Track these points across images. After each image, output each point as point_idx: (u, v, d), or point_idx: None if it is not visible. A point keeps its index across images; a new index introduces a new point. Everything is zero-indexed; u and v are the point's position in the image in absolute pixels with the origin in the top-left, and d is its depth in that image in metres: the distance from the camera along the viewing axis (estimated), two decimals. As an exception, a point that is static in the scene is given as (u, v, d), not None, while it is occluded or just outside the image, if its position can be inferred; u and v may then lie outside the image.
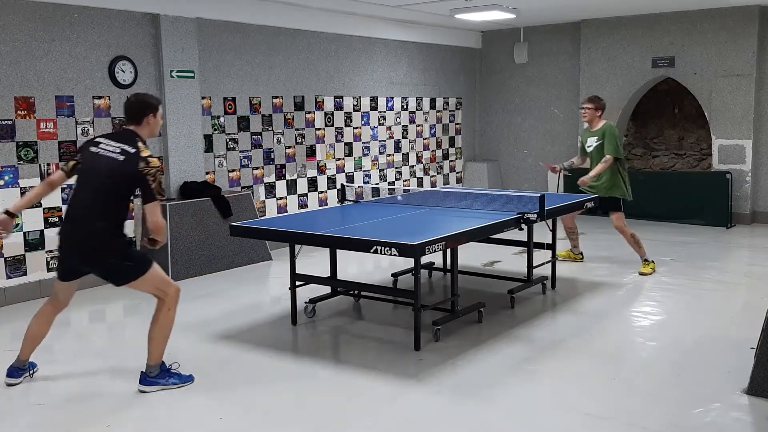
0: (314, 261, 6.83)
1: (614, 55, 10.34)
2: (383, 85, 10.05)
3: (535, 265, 6.26)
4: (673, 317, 5.73)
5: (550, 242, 6.52)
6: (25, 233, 6.36)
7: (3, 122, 6.20)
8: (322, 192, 9.23)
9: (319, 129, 9.11)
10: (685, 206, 9.72)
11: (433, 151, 11.11)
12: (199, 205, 7.34)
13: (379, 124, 10.05)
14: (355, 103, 9.62)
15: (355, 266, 7.53)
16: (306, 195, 9.03)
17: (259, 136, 8.39)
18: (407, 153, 10.60)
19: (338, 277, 5.99)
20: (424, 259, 5.67)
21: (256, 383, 4.42)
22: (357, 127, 9.67)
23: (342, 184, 6.76)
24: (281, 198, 8.72)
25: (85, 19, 6.70)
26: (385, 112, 10.13)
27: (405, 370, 4.55)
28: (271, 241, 7.63)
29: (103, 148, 4.08)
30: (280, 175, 8.67)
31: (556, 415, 3.91)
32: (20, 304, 6.23)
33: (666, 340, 5.11)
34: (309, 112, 8.96)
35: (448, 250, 5.69)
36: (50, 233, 6.51)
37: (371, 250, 4.55)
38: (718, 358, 4.69)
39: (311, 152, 9.04)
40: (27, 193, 4.64)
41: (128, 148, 4.04)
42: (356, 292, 6.11)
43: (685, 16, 9.74)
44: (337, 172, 9.41)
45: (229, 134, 8.07)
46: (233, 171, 8.15)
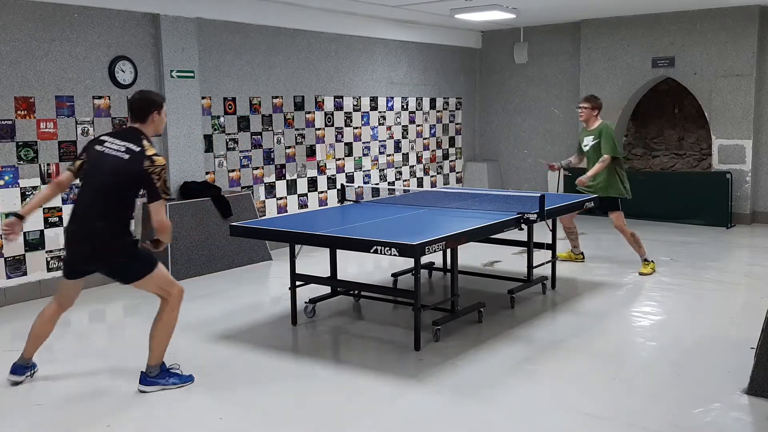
0: (314, 261, 6.83)
1: (614, 55, 10.34)
2: (383, 85, 10.05)
3: (535, 265, 6.26)
4: (673, 317, 5.73)
5: (550, 242, 6.52)
6: (25, 233, 6.35)
7: (3, 122, 6.20)
8: (322, 192, 9.23)
9: (319, 129, 9.11)
10: (685, 206, 9.72)
11: (433, 151, 11.11)
12: (199, 205, 7.34)
13: (379, 124, 10.05)
14: (355, 103, 9.62)
15: (355, 266, 7.53)
16: (306, 195, 9.03)
17: (259, 136, 8.39)
18: (407, 153, 10.60)
19: (338, 277, 5.99)
20: (424, 259, 5.67)
21: (256, 383, 4.42)
22: (357, 127, 9.67)
23: (342, 184, 6.76)
24: (281, 198, 8.72)
25: (85, 19, 6.70)
26: (385, 112, 10.13)
27: (405, 370, 4.55)
28: (271, 241, 7.64)
29: (108, 147, 4.07)
30: (280, 175, 8.67)
31: (556, 415, 3.91)
32: (20, 304, 6.24)
33: (666, 340, 5.11)
34: (309, 112, 8.96)
35: (448, 250, 5.69)
36: (50, 233, 6.51)
37: (371, 250, 4.56)
38: (718, 358, 4.69)
39: (311, 152, 9.04)
40: (35, 195, 4.62)
41: (133, 147, 4.03)
42: (356, 292, 6.10)
43: (685, 16, 9.75)
44: (337, 172, 9.41)
45: (229, 134, 8.08)
46: (233, 171, 8.15)
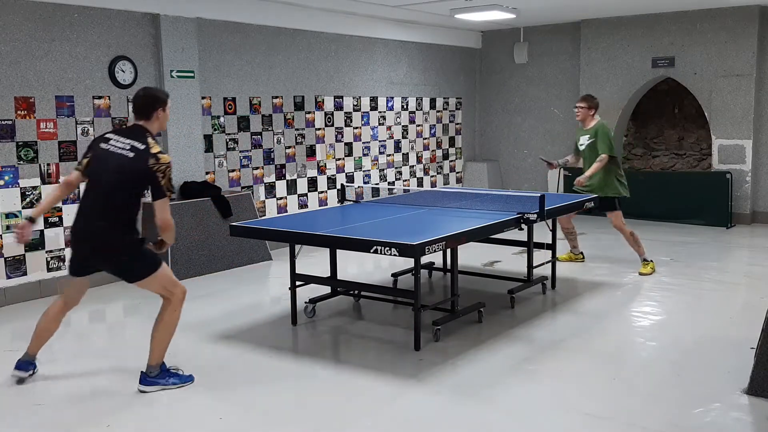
0: (314, 261, 6.83)
1: (614, 55, 10.34)
2: (383, 85, 10.05)
3: (535, 265, 6.26)
4: (673, 317, 5.73)
5: (550, 242, 6.52)
6: (25, 233, 6.36)
7: (3, 122, 6.20)
8: (322, 192, 9.23)
9: (319, 129, 9.11)
10: (685, 206, 9.72)
11: (433, 151, 11.11)
12: (199, 205, 7.34)
13: (379, 124, 10.05)
14: (355, 103, 9.62)
15: (355, 266, 7.53)
16: (306, 195, 9.03)
17: (259, 136, 8.39)
18: (407, 153, 10.60)
19: (338, 277, 5.99)
20: (424, 259, 5.67)
21: (256, 383, 4.42)
22: (357, 127, 9.67)
23: (342, 184, 6.76)
24: (281, 198, 8.72)
25: (85, 19, 6.70)
26: (385, 112, 10.13)
27: (405, 370, 4.55)
28: (271, 241, 7.64)
29: (113, 145, 4.06)
30: (280, 175, 8.67)
31: (556, 415, 3.91)
32: (20, 304, 6.24)
33: (666, 340, 5.11)
34: (309, 112, 8.96)
35: (448, 250, 5.69)
36: (50, 233, 6.51)
37: (371, 250, 4.56)
38: (718, 358, 4.69)
39: (311, 152, 9.04)
40: (46, 197, 4.60)
41: (138, 145, 4.02)
42: (356, 292, 6.10)
43: (685, 16, 9.74)
44: (337, 172, 9.41)
45: (229, 134, 8.08)
46: (233, 171, 8.15)
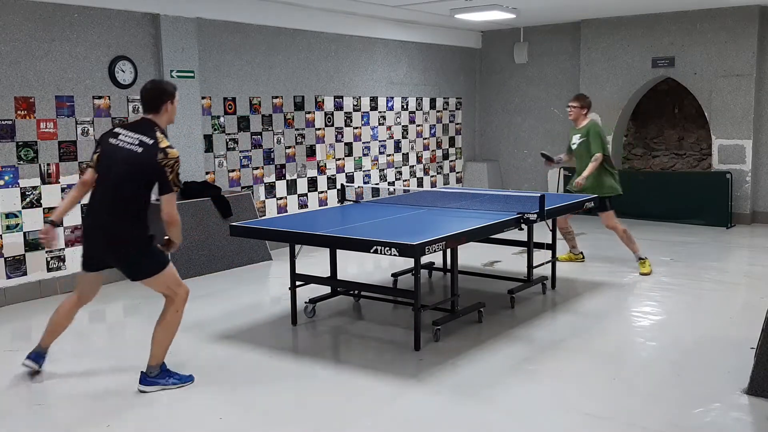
0: (314, 261, 6.83)
1: (614, 55, 10.34)
2: (383, 85, 10.05)
3: (535, 265, 6.26)
4: (673, 317, 5.72)
5: (550, 242, 6.52)
6: (25, 233, 6.36)
7: (3, 122, 6.20)
8: (322, 192, 9.23)
9: (319, 129, 9.11)
10: (685, 206, 9.72)
11: (433, 151, 11.11)
12: (199, 205, 7.34)
13: (379, 124, 10.05)
14: (355, 103, 9.62)
15: (355, 266, 7.53)
16: (306, 195, 9.03)
17: (259, 136, 8.39)
18: (407, 153, 10.60)
19: (338, 277, 5.99)
20: (424, 259, 5.67)
21: (256, 383, 4.42)
22: (357, 127, 9.67)
23: (342, 184, 6.76)
24: (281, 198, 8.72)
25: (85, 19, 6.70)
26: (385, 112, 10.13)
27: (405, 370, 4.55)
28: (271, 241, 7.64)
29: (122, 140, 4.05)
30: (280, 175, 8.67)
31: (556, 415, 3.91)
32: (20, 304, 6.24)
33: (666, 340, 5.11)
34: (309, 112, 8.96)
35: (448, 250, 5.69)
36: (50, 233, 6.51)
37: (371, 250, 4.55)
38: (718, 358, 4.69)
39: (311, 152, 9.04)
40: (64, 198, 4.59)
41: (146, 139, 4.00)
42: (356, 292, 6.10)
43: (685, 16, 9.74)
44: (337, 172, 9.41)
45: (229, 134, 8.08)
46: (233, 171, 8.15)
